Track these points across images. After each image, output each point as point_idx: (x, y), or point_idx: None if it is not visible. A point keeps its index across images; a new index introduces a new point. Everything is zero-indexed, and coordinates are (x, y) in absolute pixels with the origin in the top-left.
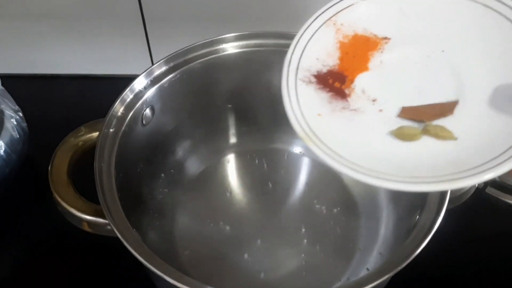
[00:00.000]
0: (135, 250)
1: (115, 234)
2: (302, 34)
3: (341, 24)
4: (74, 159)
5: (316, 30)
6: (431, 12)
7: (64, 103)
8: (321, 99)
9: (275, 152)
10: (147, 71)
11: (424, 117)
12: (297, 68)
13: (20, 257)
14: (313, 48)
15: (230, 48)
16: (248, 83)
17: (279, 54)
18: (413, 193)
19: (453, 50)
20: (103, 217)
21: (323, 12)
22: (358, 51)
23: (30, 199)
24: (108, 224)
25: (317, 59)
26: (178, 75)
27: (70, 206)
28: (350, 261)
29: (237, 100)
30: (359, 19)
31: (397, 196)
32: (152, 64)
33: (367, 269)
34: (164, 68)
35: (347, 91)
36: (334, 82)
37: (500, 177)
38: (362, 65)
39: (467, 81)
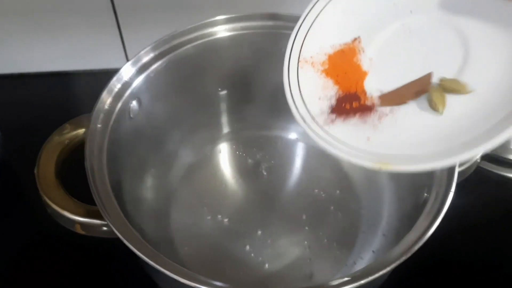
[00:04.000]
0: (139, 251)
1: (111, 235)
2: (290, 87)
3: (311, 57)
4: (61, 158)
5: (298, 78)
6: None
7: (36, 103)
8: (355, 125)
9: (270, 139)
10: (134, 58)
11: (405, 98)
12: (313, 118)
13: (7, 266)
14: (308, 93)
15: (220, 31)
16: (239, 68)
17: (268, 36)
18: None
19: (418, 6)
20: (98, 218)
21: (289, 58)
22: (344, 65)
23: (12, 204)
24: (104, 225)
25: (319, 98)
26: (166, 63)
27: (61, 209)
28: (354, 244)
29: (228, 87)
30: (319, 42)
31: (396, 175)
32: (126, 57)
33: (373, 251)
34: (151, 55)
35: (369, 103)
36: (352, 104)
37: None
38: (359, 73)
39: (457, 19)
